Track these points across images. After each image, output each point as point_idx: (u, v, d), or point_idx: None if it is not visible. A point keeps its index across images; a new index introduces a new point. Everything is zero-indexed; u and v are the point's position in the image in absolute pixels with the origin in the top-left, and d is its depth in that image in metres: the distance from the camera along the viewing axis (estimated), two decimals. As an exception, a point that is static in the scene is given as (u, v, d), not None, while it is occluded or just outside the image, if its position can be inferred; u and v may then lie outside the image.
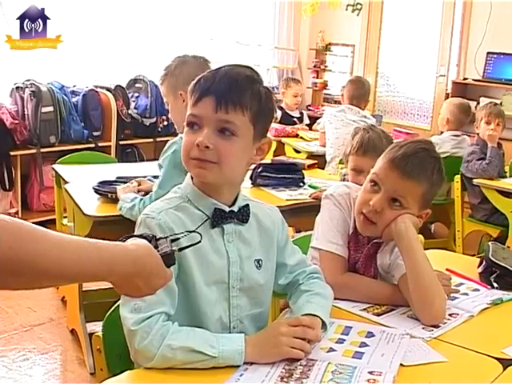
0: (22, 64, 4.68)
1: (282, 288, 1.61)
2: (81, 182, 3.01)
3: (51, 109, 4.69)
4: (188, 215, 1.40)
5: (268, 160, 3.47)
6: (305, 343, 1.36)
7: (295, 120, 5.61)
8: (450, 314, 1.64)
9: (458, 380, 1.35)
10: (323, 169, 4.16)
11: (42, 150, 4.68)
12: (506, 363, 1.40)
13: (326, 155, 4.46)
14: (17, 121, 4.55)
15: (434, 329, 1.56)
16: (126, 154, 5.25)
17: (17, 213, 4.57)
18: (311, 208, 2.77)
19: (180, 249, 1.23)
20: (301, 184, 3.26)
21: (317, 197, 2.93)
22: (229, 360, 1.30)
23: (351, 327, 1.52)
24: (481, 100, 5.60)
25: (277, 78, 7.02)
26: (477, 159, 4.04)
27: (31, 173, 4.80)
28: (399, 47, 6.51)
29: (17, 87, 4.72)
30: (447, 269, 1.96)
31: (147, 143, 5.37)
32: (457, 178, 4.17)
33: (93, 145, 4.93)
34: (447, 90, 6.08)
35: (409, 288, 1.63)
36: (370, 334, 1.48)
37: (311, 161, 3.94)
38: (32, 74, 4.76)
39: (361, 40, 6.75)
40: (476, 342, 1.50)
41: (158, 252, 1.15)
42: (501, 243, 2.14)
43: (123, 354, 1.40)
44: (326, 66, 7.15)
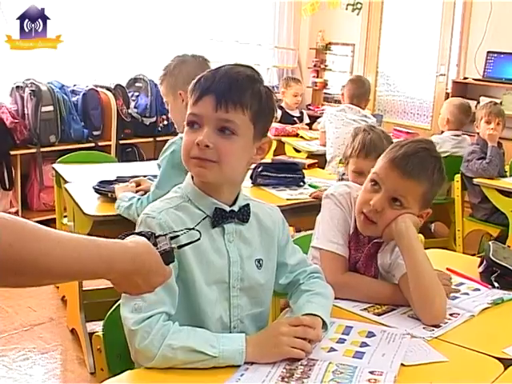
0: (22, 63, 4.67)
1: (283, 288, 1.61)
2: (81, 182, 3.00)
3: (51, 108, 4.69)
4: (188, 215, 1.40)
5: (268, 159, 3.46)
6: (305, 343, 1.35)
7: (295, 119, 5.61)
8: (451, 314, 1.64)
9: (459, 380, 1.35)
10: (323, 168, 4.16)
11: (42, 150, 4.68)
12: (507, 363, 1.40)
13: (327, 155, 4.46)
14: (17, 120, 4.55)
15: (435, 328, 1.55)
16: (126, 154, 5.25)
17: (17, 212, 4.57)
18: (311, 207, 2.77)
19: (179, 246, 1.23)
20: (301, 183, 3.26)
21: (317, 196, 2.93)
22: (229, 360, 1.30)
23: (352, 327, 1.52)
24: (481, 99, 5.60)
25: (277, 78, 7.02)
26: (477, 158, 4.03)
27: (31, 172, 4.79)
28: (399, 46, 6.51)
29: (17, 86, 4.72)
30: (448, 268, 1.96)
31: (147, 142, 5.37)
32: (457, 178, 4.17)
33: (93, 144, 4.93)
34: (447, 90, 6.08)
35: (409, 288, 1.62)
36: (371, 334, 1.48)
37: (311, 160, 3.93)
38: (32, 74, 4.76)
39: (361, 39, 6.75)
40: (477, 342, 1.50)
41: (157, 250, 1.15)
42: (501, 242, 2.14)
43: (123, 354, 1.40)
44: (326, 66, 7.15)
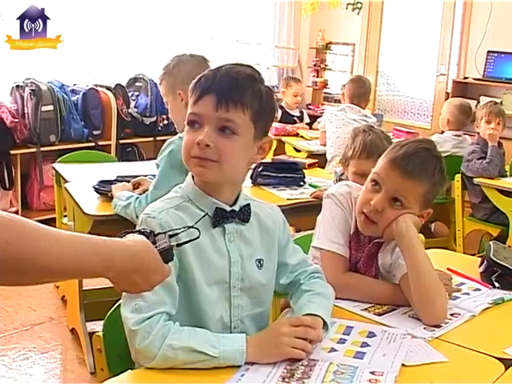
0: (22, 63, 4.67)
1: (283, 288, 1.60)
2: (81, 181, 3.00)
3: (51, 107, 4.69)
4: (189, 215, 1.40)
5: (268, 159, 3.46)
6: (306, 343, 1.35)
7: (295, 119, 5.61)
8: (452, 314, 1.64)
9: (460, 380, 1.34)
10: (323, 168, 4.15)
11: (42, 149, 4.68)
12: (508, 363, 1.39)
13: (327, 154, 4.46)
14: (17, 119, 4.55)
15: (436, 329, 1.55)
16: (126, 153, 5.25)
17: (17, 212, 4.56)
18: (312, 207, 2.77)
19: (178, 244, 1.23)
20: (301, 183, 3.25)
21: (317, 196, 2.93)
22: (230, 360, 1.30)
23: (352, 327, 1.52)
24: (481, 99, 5.59)
25: (277, 77, 7.01)
26: (477, 158, 4.03)
27: (31, 172, 4.79)
28: (399, 46, 6.50)
29: (17, 86, 4.72)
30: (448, 268, 1.96)
31: (147, 142, 5.36)
32: (457, 177, 4.16)
33: (93, 144, 4.92)
34: (447, 89, 6.07)
35: (410, 288, 1.62)
36: (372, 334, 1.48)
37: (311, 160, 3.92)
38: (32, 73, 4.76)
39: (361, 39, 6.74)
40: (477, 342, 1.50)
41: (157, 248, 1.15)
42: (501, 242, 2.13)
43: (124, 354, 1.40)
44: (326, 65, 7.14)
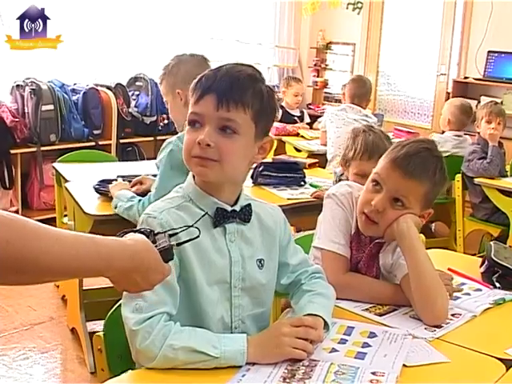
0: (23, 62, 4.66)
1: (284, 288, 1.60)
2: (81, 181, 3.00)
3: (51, 107, 4.68)
4: (190, 214, 1.39)
5: (269, 159, 3.46)
6: (307, 344, 1.35)
7: (296, 119, 5.61)
8: (453, 314, 1.64)
9: (461, 381, 1.34)
10: (324, 168, 4.15)
11: (43, 149, 4.67)
12: (509, 364, 1.39)
13: (327, 154, 4.45)
14: (17, 119, 4.55)
15: (437, 329, 1.55)
16: (127, 153, 5.24)
17: (17, 211, 4.56)
18: (312, 207, 2.77)
19: (178, 244, 1.22)
20: (302, 183, 3.25)
21: (318, 196, 2.92)
22: (231, 360, 1.30)
23: (353, 327, 1.51)
24: (481, 99, 5.59)
25: (277, 77, 7.01)
26: (478, 158, 4.03)
27: (31, 171, 4.79)
28: (400, 46, 6.50)
29: (17, 85, 4.71)
30: (449, 268, 1.95)
31: (148, 142, 5.36)
32: (458, 177, 4.16)
33: (93, 143, 4.92)
34: (448, 89, 6.07)
35: (411, 288, 1.62)
36: (373, 335, 1.48)
37: (312, 160, 3.92)
38: (32, 72, 4.76)
39: (361, 39, 6.74)
40: (479, 343, 1.50)
41: (157, 247, 1.15)
42: (502, 242, 2.13)
43: (124, 354, 1.40)
44: (327, 65, 7.14)
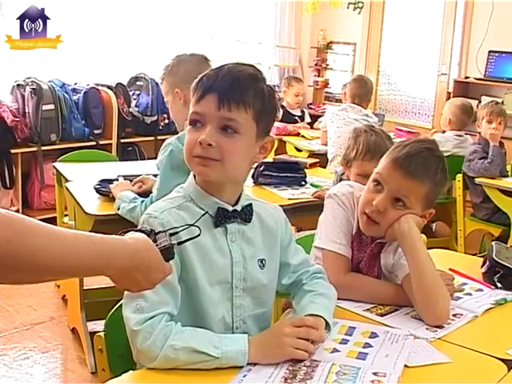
0: (23, 62, 4.66)
1: (286, 288, 1.60)
2: (82, 181, 3.00)
3: (52, 106, 4.68)
4: (191, 214, 1.39)
5: (270, 159, 3.46)
6: (308, 344, 1.35)
7: (296, 118, 5.61)
8: (454, 315, 1.63)
9: (463, 381, 1.34)
10: (325, 167, 4.15)
11: (43, 148, 4.67)
12: (511, 364, 1.39)
13: (328, 154, 4.45)
14: (18, 118, 4.54)
15: (438, 329, 1.55)
16: (127, 153, 5.24)
17: (17, 211, 4.55)
18: (313, 207, 2.77)
19: (179, 242, 1.22)
20: (303, 183, 3.25)
21: (319, 196, 2.92)
22: (232, 361, 1.29)
23: (355, 328, 1.51)
24: (482, 99, 5.58)
25: (278, 77, 7.01)
26: (479, 158, 4.02)
27: (32, 171, 4.78)
28: (401, 46, 6.50)
29: (18, 85, 4.71)
30: (450, 269, 1.95)
31: (148, 141, 5.35)
32: (458, 177, 4.15)
33: (94, 143, 4.92)
34: (449, 89, 6.07)
35: (412, 288, 1.62)
36: (374, 335, 1.47)
37: (313, 159, 3.92)
38: (33, 72, 4.75)
39: (362, 38, 6.73)
40: (480, 343, 1.49)
41: (157, 246, 1.15)
42: (503, 242, 2.13)
43: (125, 355, 1.40)
44: (328, 65, 7.14)
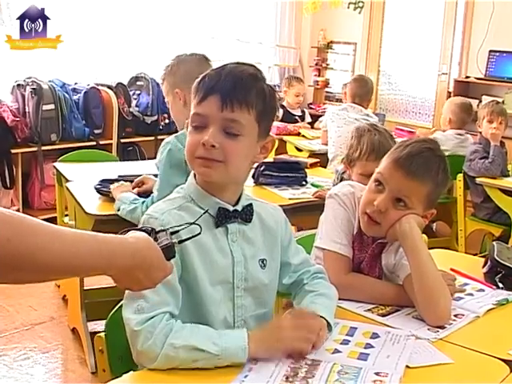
0: (23, 62, 4.66)
1: (286, 287, 1.60)
2: (82, 181, 2.99)
3: (52, 106, 4.68)
4: (191, 215, 1.39)
5: (270, 159, 3.45)
6: (309, 336, 1.35)
7: (297, 118, 5.61)
8: (456, 315, 1.63)
9: (464, 382, 1.34)
10: (325, 167, 4.15)
11: (43, 148, 4.67)
12: (513, 365, 1.39)
13: (328, 154, 4.45)
14: (18, 118, 4.54)
15: (440, 330, 1.54)
16: (128, 152, 5.24)
17: (18, 211, 4.50)
18: (314, 207, 2.76)
19: (180, 241, 1.22)
20: (303, 183, 3.24)
21: (320, 196, 2.91)
22: (232, 357, 1.29)
23: (356, 328, 1.51)
24: (483, 98, 5.57)
25: (278, 76, 7.01)
26: (479, 158, 4.02)
27: (32, 171, 4.78)
28: (401, 45, 6.49)
29: (18, 85, 4.71)
30: (451, 269, 1.95)
31: (148, 141, 5.35)
32: (459, 177, 4.15)
33: (94, 143, 4.92)
34: (449, 89, 6.06)
35: (414, 288, 1.61)
36: (375, 335, 1.47)
37: (313, 159, 3.92)
38: (33, 72, 4.75)
39: (362, 38, 6.72)
40: (482, 344, 1.49)
41: (158, 245, 1.15)
42: (503, 242, 2.13)
43: (125, 355, 1.39)
44: (328, 64, 7.13)
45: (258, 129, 1.40)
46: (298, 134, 5.21)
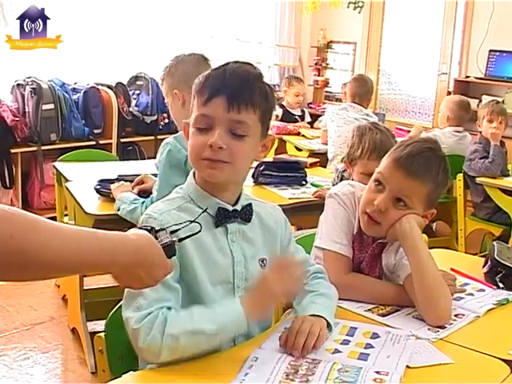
0: (23, 61, 4.66)
1: (286, 287, 1.59)
2: (82, 180, 2.99)
3: (52, 106, 4.68)
4: (191, 215, 1.38)
5: (270, 158, 3.45)
6: (296, 281, 1.38)
7: (297, 118, 5.61)
8: (456, 315, 1.63)
9: (465, 382, 1.33)
10: (325, 167, 4.15)
11: (43, 148, 4.66)
12: (513, 365, 1.39)
13: (328, 153, 4.45)
14: (17, 118, 4.54)
15: (440, 330, 1.54)
16: (127, 152, 5.24)
17: (17, 211, 4.55)
18: (314, 207, 2.76)
19: (180, 239, 1.23)
20: (303, 182, 3.24)
21: (320, 195, 2.91)
22: (233, 330, 1.32)
23: (356, 328, 1.50)
24: (483, 98, 5.57)
25: (278, 76, 7.00)
26: (479, 158, 4.02)
27: (32, 170, 4.78)
28: (401, 45, 6.49)
29: (17, 84, 4.70)
30: (452, 268, 1.94)
31: (148, 141, 5.35)
32: (459, 177, 4.15)
33: (94, 142, 4.91)
34: (449, 88, 6.06)
35: (414, 288, 1.61)
36: (376, 335, 1.47)
37: (313, 159, 3.91)
38: (33, 72, 4.75)
39: (362, 38, 6.72)
40: (482, 344, 1.49)
41: (159, 243, 1.15)
42: (503, 242, 2.12)
43: (125, 355, 1.39)
44: (328, 64, 7.13)
45: (261, 128, 1.41)
46: (298, 134, 5.20)
